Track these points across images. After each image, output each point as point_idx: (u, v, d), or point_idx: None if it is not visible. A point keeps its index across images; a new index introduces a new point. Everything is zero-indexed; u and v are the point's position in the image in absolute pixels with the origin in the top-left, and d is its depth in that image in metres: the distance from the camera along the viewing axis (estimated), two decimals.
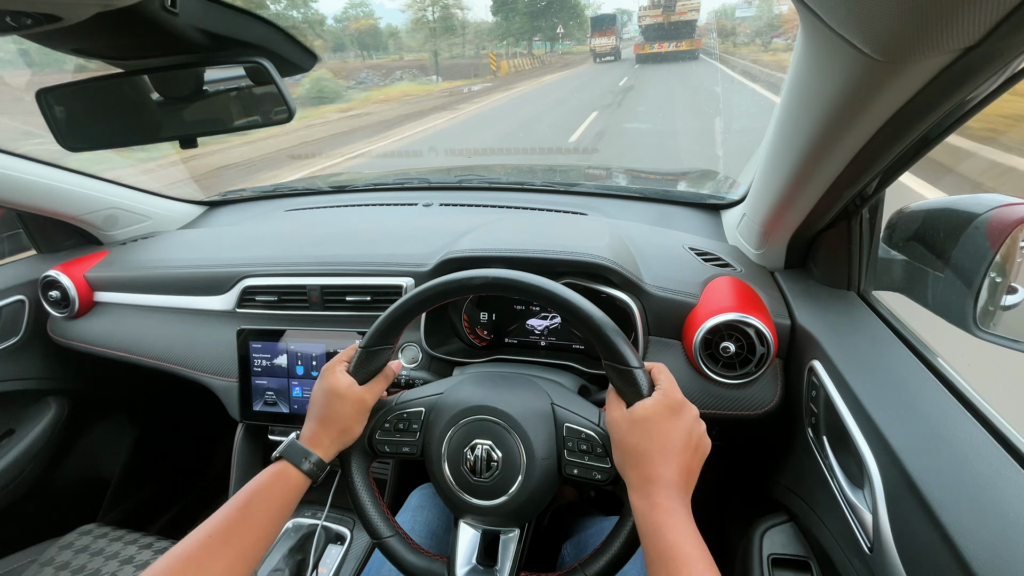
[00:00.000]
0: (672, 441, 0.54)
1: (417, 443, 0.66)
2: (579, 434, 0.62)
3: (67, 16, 0.47)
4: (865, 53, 0.44)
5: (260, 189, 1.68)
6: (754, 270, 0.97)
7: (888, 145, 0.57)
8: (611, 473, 0.59)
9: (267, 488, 0.58)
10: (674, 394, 0.57)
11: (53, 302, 1.21)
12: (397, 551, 0.64)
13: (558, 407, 0.65)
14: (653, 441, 0.54)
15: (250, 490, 0.58)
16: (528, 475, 0.61)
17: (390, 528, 0.65)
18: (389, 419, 0.67)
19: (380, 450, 0.67)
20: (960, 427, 0.55)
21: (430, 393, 0.69)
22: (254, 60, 0.64)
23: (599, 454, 0.61)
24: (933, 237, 0.70)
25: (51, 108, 0.67)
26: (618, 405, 0.58)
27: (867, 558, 0.59)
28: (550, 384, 0.70)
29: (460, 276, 0.63)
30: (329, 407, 0.63)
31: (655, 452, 0.53)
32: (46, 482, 1.30)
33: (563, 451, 0.62)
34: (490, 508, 0.62)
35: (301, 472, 0.60)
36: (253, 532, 0.55)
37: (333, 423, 0.63)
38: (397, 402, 0.68)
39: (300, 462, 0.60)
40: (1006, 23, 0.36)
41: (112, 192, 1.33)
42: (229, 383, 1.06)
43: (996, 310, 0.61)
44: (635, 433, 0.55)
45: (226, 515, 0.55)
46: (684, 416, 0.56)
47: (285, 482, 0.59)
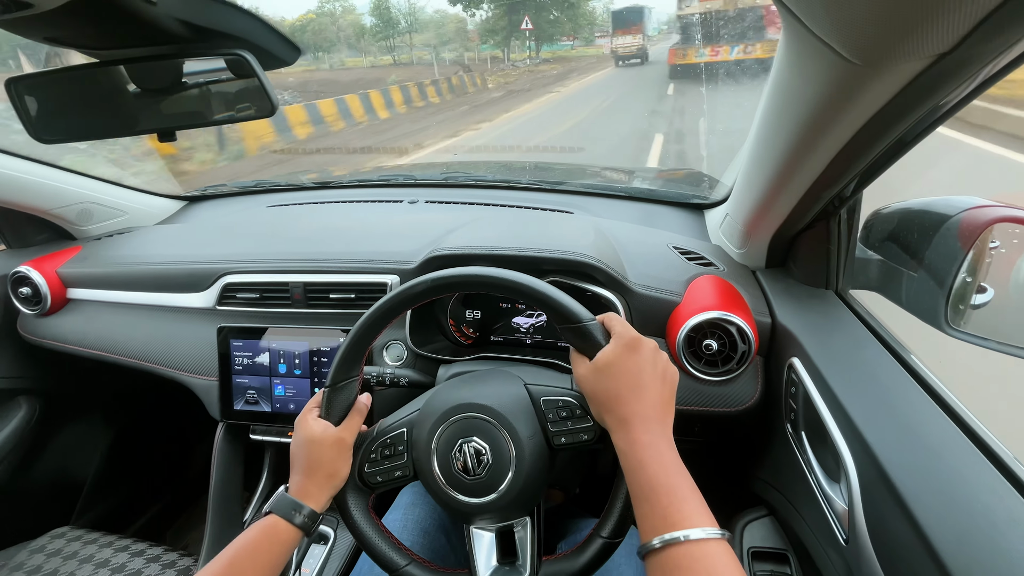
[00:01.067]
0: (638, 376, 0.55)
1: (407, 465, 0.65)
2: (556, 403, 0.63)
3: (39, 3, 0.46)
4: (844, 57, 0.45)
5: (241, 184, 1.65)
6: (736, 269, 0.99)
7: (866, 147, 0.59)
8: (596, 430, 0.60)
9: (255, 545, 0.57)
10: (628, 333, 0.58)
11: (23, 299, 1.17)
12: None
13: (531, 385, 0.66)
14: (620, 382, 0.55)
15: (237, 547, 0.56)
16: (520, 460, 0.61)
17: (405, 557, 0.64)
18: (374, 449, 0.66)
19: (372, 482, 0.66)
20: (931, 422, 0.57)
21: (407, 412, 0.68)
22: (235, 52, 0.62)
23: (579, 415, 0.61)
24: (907, 238, 0.72)
25: (21, 99, 0.65)
26: (582, 361, 0.59)
27: (843, 549, 0.61)
28: (521, 368, 0.70)
29: (402, 289, 0.64)
30: (310, 456, 0.62)
31: (625, 391, 0.55)
32: (17, 484, 1.26)
33: (546, 424, 0.63)
34: (492, 503, 0.61)
35: (293, 526, 0.59)
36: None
37: (318, 470, 0.62)
38: (378, 431, 0.68)
39: (291, 516, 0.59)
40: (978, 31, 0.37)
41: (87, 186, 1.29)
42: (209, 382, 1.04)
43: (967, 309, 0.63)
44: (601, 380, 0.56)
45: (213, 572, 0.54)
46: (643, 350, 0.57)
47: (275, 537, 0.58)
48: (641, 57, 21.48)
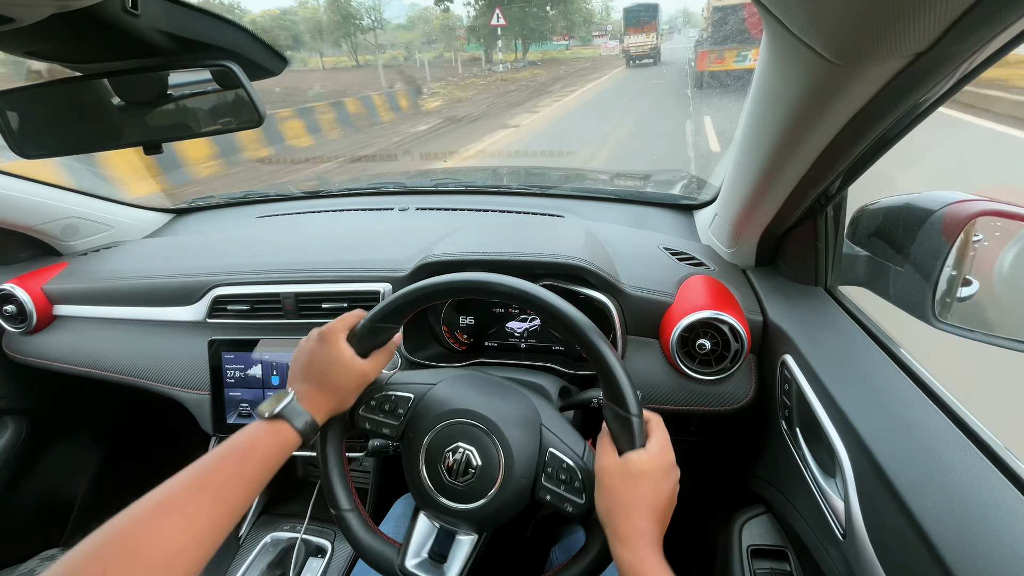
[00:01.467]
0: (661, 500, 0.56)
1: (399, 428, 0.65)
2: (561, 463, 0.62)
3: (20, 17, 0.45)
4: (824, 58, 0.45)
5: (230, 196, 1.64)
6: (727, 268, 1.00)
7: (849, 145, 0.59)
8: (583, 509, 0.60)
9: (265, 445, 0.56)
10: (669, 454, 0.59)
11: (8, 317, 1.15)
12: (353, 526, 0.64)
13: (546, 429, 0.65)
14: (646, 497, 0.55)
15: (245, 444, 0.55)
16: (502, 489, 0.61)
17: (350, 502, 0.65)
18: (376, 397, 0.66)
19: (360, 425, 0.66)
20: (924, 415, 0.58)
21: (422, 381, 0.68)
22: (221, 63, 0.62)
23: (576, 488, 0.61)
24: (893, 233, 0.73)
25: (3, 113, 0.64)
26: (611, 451, 0.58)
27: (840, 544, 0.61)
28: (540, 400, 0.69)
29: (490, 279, 0.62)
30: (330, 375, 0.61)
31: (646, 507, 0.55)
32: (4, 507, 1.23)
33: (541, 474, 0.62)
34: (456, 511, 0.62)
35: (295, 431, 0.58)
36: (246, 489, 0.53)
37: (333, 392, 0.62)
38: (387, 382, 0.67)
39: (297, 421, 0.58)
40: (953, 30, 0.38)
41: (71, 200, 1.28)
42: (201, 396, 1.03)
43: (952, 302, 0.64)
44: (629, 486, 0.55)
45: (220, 468, 0.52)
46: (673, 477, 0.58)
47: (283, 440, 0.57)
48: (654, 57, 20.41)
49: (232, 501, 0.51)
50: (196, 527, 0.47)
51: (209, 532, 0.48)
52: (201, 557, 0.47)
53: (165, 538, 0.45)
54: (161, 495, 0.48)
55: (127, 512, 0.46)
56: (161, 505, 0.47)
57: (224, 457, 0.53)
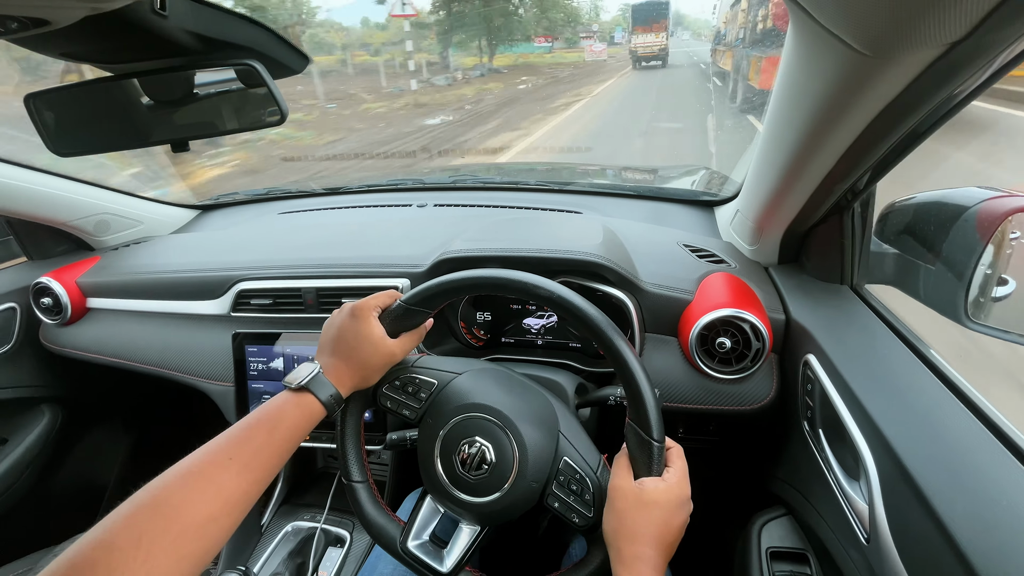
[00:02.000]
0: (672, 531, 0.56)
1: (418, 411, 0.66)
2: (574, 473, 0.62)
3: (55, 20, 0.47)
4: (854, 49, 0.44)
5: (253, 192, 1.67)
6: (748, 266, 0.98)
7: (878, 140, 0.58)
8: (589, 522, 0.60)
9: (293, 416, 0.57)
10: (686, 487, 0.58)
11: (45, 309, 1.20)
12: (362, 498, 0.65)
13: (563, 436, 0.65)
14: (655, 525, 0.55)
15: (273, 415, 0.56)
16: (512, 489, 0.61)
17: (362, 475, 0.66)
18: (400, 378, 0.68)
19: (382, 403, 0.68)
20: (953, 417, 0.56)
21: (448, 369, 0.69)
22: (245, 62, 0.63)
23: (586, 501, 0.61)
24: (924, 230, 0.71)
25: (40, 113, 0.67)
26: (627, 473, 0.58)
27: (864, 549, 0.59)
28: (560, 406, 0.69)
29: (528, 279, 0.62)
30: (358, 351, 0.62)
31: (654, 536, 0.54)
32: (40, 491, 1.29)
33: (552, 480, 0.62)
34: (464, 502, 0.63)
35: (320, 403, 0.59)
36: (275, 458, 0.54)
37: (359, 368, 0.63)
38: (413, 364, 0.69)
39: (322, 393, 0.60)
40: (992, 17, 0.36)
41: (103, 197, 1.32)
42: (225, 387, 1.06)
43: (987, 301, 0.62)
44: (640, 512, 0.55)
45: (250, 437, 0.53)
46: (685, 510, 0.58)
47: (309, 411, 0.58)
48: (662, 59, 19.04)
49: (260, 470, 0.52)
50: (226, 495, 0.49)
51: (239, 500, 0.50)
52: (231, 524, 0.49)
53: (197, 506, 0.46)
54: (192, 463, 0.50)
55: (160, 480, 0.48)
56: (192, 474, 0.49)
57: (253, 427, 0.54)
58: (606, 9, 28.99)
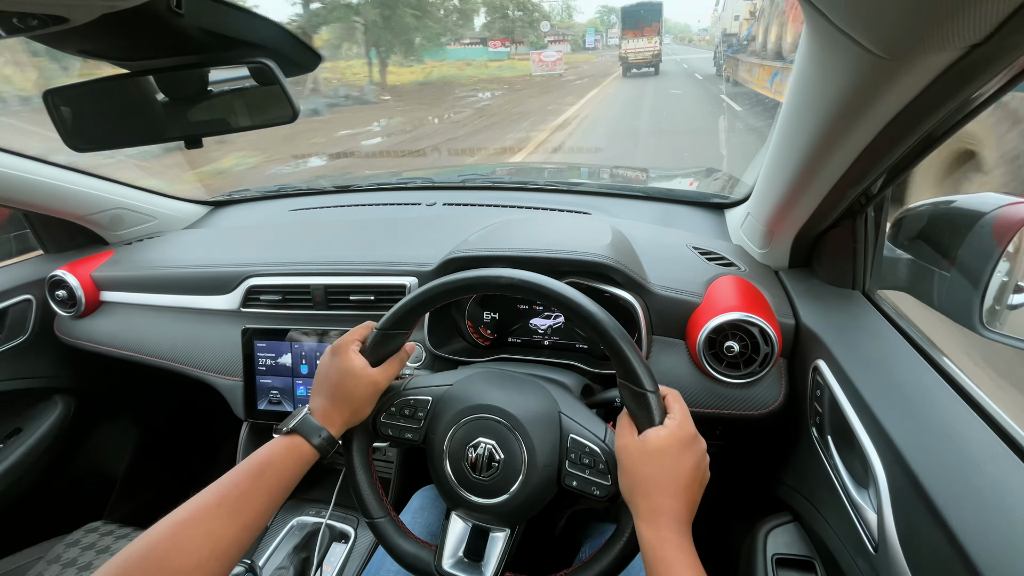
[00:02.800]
0: (683, 475, 0.54)
1: (420, 431, 0.66)
2: (583, 447, 0.62)
3: (73, 17, 0.48)
4: (870, 51, 0.43)
5: (264, 189, 1.69)
6: (758, 269, 0.97)
7: (893, 143, 0.57)
8: (610, 491, 0.59)
9: (281, 460, 0.58)
10: (688, 427, 0.57)
11: (60, 301, 1.22)
12: (388, 533, 0.65)
13: (565, 416, 0.65)
14: (666, 473, 0.54)
15: (262, 460, 0.57)
16: (526, 480, 0.61)
17: (383, 510, 0.66)
18: (396, 404, 0.67)
19: (383, 432, 0.67)
20: (967, 427, 0.55)
21: (439, 383, 0.69)
22: (258, 60, 0.64)
23: (601, 470, 0.60)
24: (939, 236, 0.70)
25: (57, 109, 0.68)
26: (630, 430, 0.57)
27: (872, 558, 0.59)
28: (558, 390, 0.69)
29: (488, 273, 0.63)
30: (342, 387, 0.63)
31: (667, 484, 0.53)
32: (53, 480, 1.31)
33: (564, 461, 0.62)
34: (484, 506, 0.62)
35: (312, 447, 0.60)
36: (263, 503, 0.55)
37: (346, 404, 0.63)
38: (405, 387, 0.69)
39: (312, 437, 0.60)
40: (1012, 20, 0.35)
41: (118, 192, 1.34)
42: (234, 382, 1.07)
43: (1003, 309, 0.61)
44: (648, 463, 0.54)
45: (237, 482, 0.54)
46: (695, 449, 0.56)
47: (299, 455, 0.59)
48: (655, 66, 17.69)
49: (249, 515, 0.53)
50: (214, 541, 0.49)
51: (228, 546, 0.50)
52: (220, 570, 0.50)
53: (185, 553, 0.47)
54: (182, 512, 0.51)
55: (153, 529, 0.49)
56: (181, 522, 0.50)
57: (241, 474, 0.55)
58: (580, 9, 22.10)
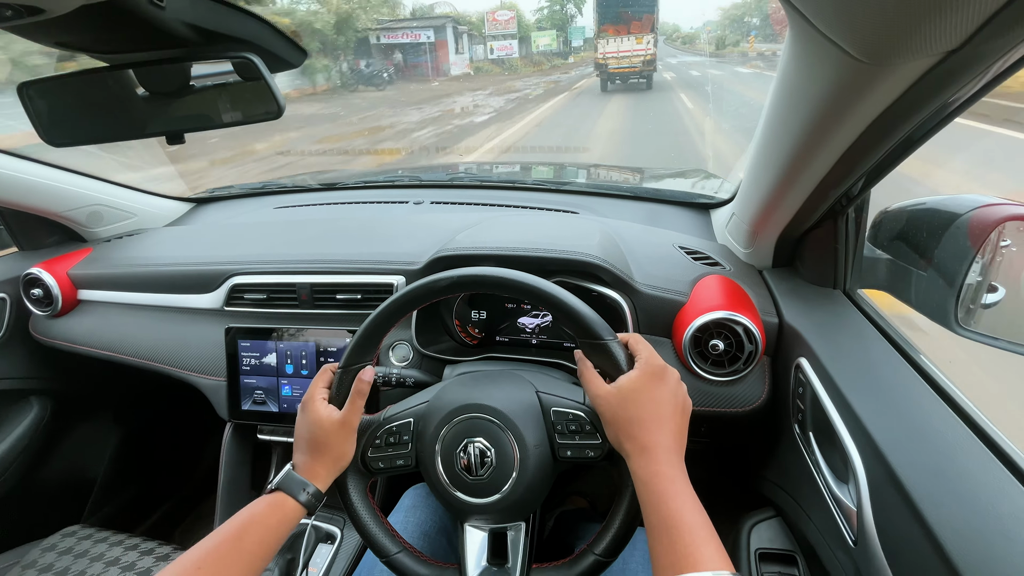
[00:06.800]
0: (662, 407, 0.55)
1: (410, 455, 0.66)
2: (566, 416, 0.63)
3: (50, 8, 0.46)
4: (851, 55, 0.44)
5: (248, 186, 1.66)
6: (743, 269, 0.99)
7: (873, 146, 0.58)
8: (603, 448, 0.60)
9: (263, 518, 0.58)
10: (655, 361, 0.58)
11: (35, 300, 1.18)
12: (407, 566, 0.64)
13: (542, 394, 0.65)
14: (645, 410, 0.55)
15: (244, 520, 0.57)
16: (523, 466, 0.61)
17: (396, 545, 0.65)
18: (379, 435, 0.66)
19: (374, 467, 0.66)
20: (942, 422, 0.56)
21: (416, 403, 0.69)
22: (243, 55, 0.63)
23: (588, 431, 0.61)
24: (916, 236, 0.71)
25: (33, 102, 0.66)
26: (598, 381, 0.59)
27: (851, 551, 0.60)
28: (533, 374, 0.70)
29: (425, 281, 0.64)
30: (316, 440, 0.62)
31: (649, 420, 0.54)
32: (28, 483, 1.28)
33: (554, 435, 0.63)
34: (491, 505, 0.62)
35: (298, 504, 0.60)
36: (245, 563, 0.54)
37: (325, 453, 0.63)
38: (385, 417, 0.68)
39: (298, 494, 0.60)
40: (986, 28, 0.36)
41: (97, 188, 1.31)
42: (217, 382, 1.05)
43: (977, 308, 0.63)
44: (626, 406, 0.56)
45: (217, 544, 0.54)
46: (669, 380, 0.57)
47: (282, 513, 0.59)
48: (646, 77, 12.61)
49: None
50: None
51: None
52: None
53: None
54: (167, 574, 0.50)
55: None
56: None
57: (221, 536, 0.55)
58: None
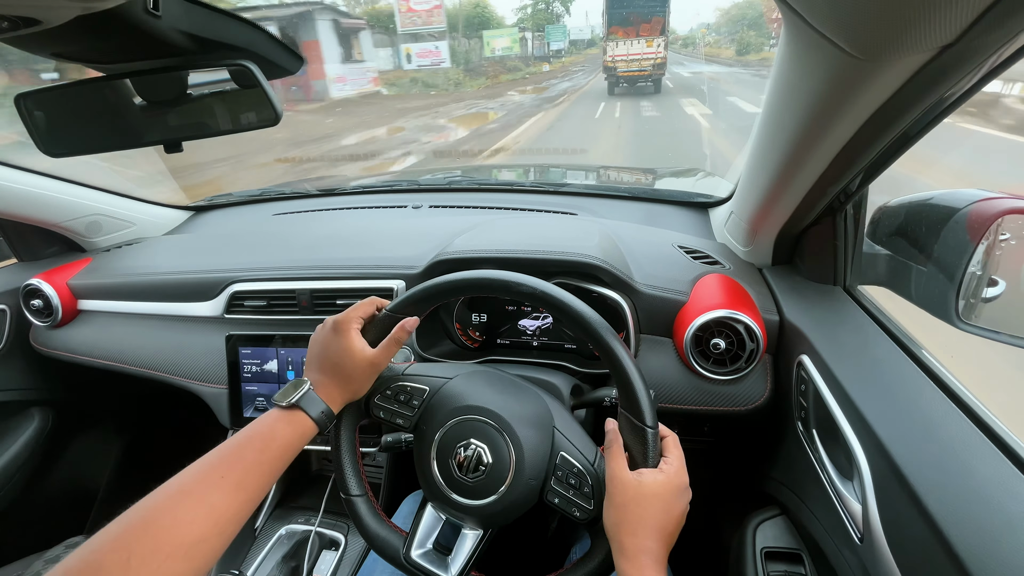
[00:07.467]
0: (671, 521, 0.56)
1: (412, 418, 0.66)
2: (571, 467, 0.62)
3: (46, 19, 0.47)
4: (846, 51, 0.44)
5: (247, 193, 1.66)
6: (742, 267, 0.98)
7: (870, 142, 0.58)
8: (591, 515, 0.60)
9: (284, 435, 0.57)
10: (683, 476, 0.58)
11: (35, 311, 1.18)
12: (362, 512, 0.65)
13: (558, 432, 0.65)
14: (655, 518, 0.55)
15: (266, 435, 0.56)
16: (510, 489, 0.61)
17: (361, 488, 0.66)
18: (392, 387, 0.67)
19: (375, 414, 0.67)
20: (946, 417, 0.56)
21: (438, 375, 0.69)
22: (239, 63, 0.63)
23: (585, 494, 0.61)
24: (915, 232, 0.71)
25: (31, 113, 0.66)
26: (623, 462, 0.58)
27: (857, 548, 0.60)
28: (554, 402, 0.69)
29: (511, 278, 0.63)
30: (342, 366, 0.62)
31: (654, 528, 0.55)
32: (31, 495, 1.27)
33: (551, 478, 0.62)
34: (464, 506, 0.62)
35: (312, 420, 0.59)
36: (266, 477, 0.54)
37: (347, 383, 0.63)
38: (405, 372, 0.68)
39: (315, 412, 0.59)
40: (980, 22, 0.36)
41: (95, 198, 1.31)
42: (218, 390, 1.05)
43: (977, 302, 0.63)
44: (641, 504, 0.55)
45: (240, 456, 0.53)
46: (684, 499, 0.58)
47: (301, 429, 0.58)
48: (655, 80, 12.67)
49: (252, 489, 0.52)
50: (217, 515, 0.48)
51: (230, 520, 0.49)
52: (221, 544, 0.48)
53: (187, 527, 0.46)
54: (183, 482, 0.49)
55: (150, 498, 0.47)
56: (183, 492, 0.48)
57: (244, 445, 0.54)
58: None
